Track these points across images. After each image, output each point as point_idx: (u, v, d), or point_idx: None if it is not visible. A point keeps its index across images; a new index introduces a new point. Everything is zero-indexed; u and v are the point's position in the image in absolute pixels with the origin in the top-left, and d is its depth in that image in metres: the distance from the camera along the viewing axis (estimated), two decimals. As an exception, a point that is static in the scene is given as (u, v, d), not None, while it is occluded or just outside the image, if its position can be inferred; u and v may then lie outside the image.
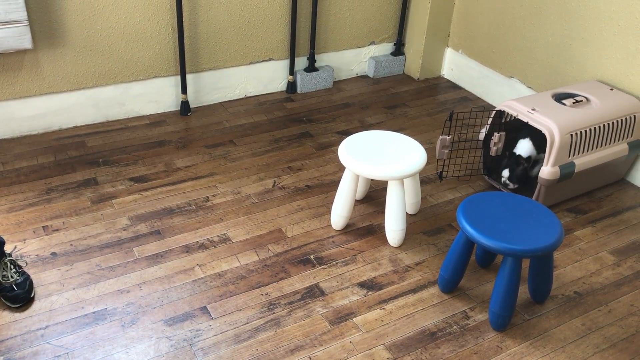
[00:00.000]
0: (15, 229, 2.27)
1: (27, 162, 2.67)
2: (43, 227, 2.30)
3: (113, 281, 2.07)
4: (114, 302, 1.99)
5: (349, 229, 2.38)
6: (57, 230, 2.29)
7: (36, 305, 1.96)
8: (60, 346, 1.83)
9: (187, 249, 2.23)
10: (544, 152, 2.44)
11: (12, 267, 1.98)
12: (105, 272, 2.11)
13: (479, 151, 2.77)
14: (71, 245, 2.22)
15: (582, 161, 2.45)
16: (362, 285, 2.12)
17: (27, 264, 2.10)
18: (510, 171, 2.53)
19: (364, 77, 3.65)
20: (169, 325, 1.92)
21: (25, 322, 1.90)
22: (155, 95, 3.08)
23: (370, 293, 2.09)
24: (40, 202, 2.43)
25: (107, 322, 1.92)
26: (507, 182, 2.55)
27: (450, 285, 2.08)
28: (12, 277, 1.96)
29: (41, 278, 2.07)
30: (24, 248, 2.19)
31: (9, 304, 1.95)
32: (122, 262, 2.16)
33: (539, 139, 2.50)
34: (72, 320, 1.92)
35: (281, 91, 3.43)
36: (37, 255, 2.16)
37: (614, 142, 2.55)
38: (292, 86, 3.40)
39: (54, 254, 2.18)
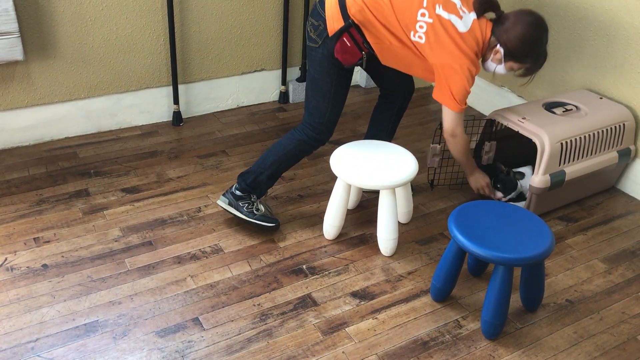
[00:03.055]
0: (6, 241, 2.26)
1: (18, 174, 2.66)
2: (34, 238, 2.29)
3: (104, 293, 2.06)
4: (106, 313, 1.98)
5: (341, 239, 2.39)
6: (48, 241, 2.28)
7: (26, 318, 1.95)
8: (50, 359, 1.82)
9: (179, 260, 2.23)
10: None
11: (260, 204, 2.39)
12: (96, 284, 2.10)
13: (471, 160, 2.78)
14: (62, 256, 2.21)
15: (573, 169, 2.47)
16: (354, 294, 2.12)
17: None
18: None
19: (356, 87, 3.67)
20: (161, 336, 1.91)
21: (15, 334, 1.89)
22: (147, 106, 3.08)
23: (362, 303, 2.09)
24: (32, 213, 2.42)
25: (98, 334, 1.91)
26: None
27: (443, 294, 2.08)
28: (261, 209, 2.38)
29: (32, 290, 2.05)
30: (15, 260, 2.18)
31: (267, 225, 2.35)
32: (114, 273, 2.15)
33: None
34: (62, 333, 1.91)
35: (273, 101, 3.44)
36: (27, 267, 2.15)
37: (604, 150, 2.56)
38: (284, 96, 3.41)
39: (45, 265, 2.16)
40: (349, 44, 2.14)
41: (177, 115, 3.11)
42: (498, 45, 2.19)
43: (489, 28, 2.17)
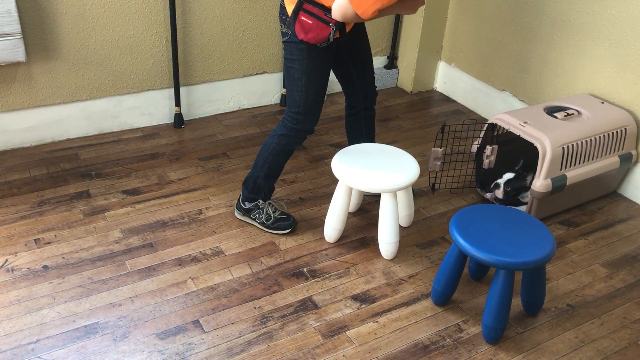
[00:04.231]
0: (7, 242, 2.26)
1: (20, 175, 2.66)
2: (35, 240, 2.29)
3: (105, 294, 2.06)
4: (106, 315, 1.98)
5: (342, 242, 2.38)
6: (49, 243, 2.28)
7: (27, 319, 1.94)
8: (51, 360, 1.82)
9: (180, 262, 2.23)
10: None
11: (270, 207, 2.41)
12: (97, 286, 2.10)
13: (472, 163, 2.78)
14: (63, 258, 2.21)
15: (574, 174, 2.47)
16: (355, 298, 2.12)
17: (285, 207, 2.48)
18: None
19: (357, 90, 3.66)
20: (161, 339, 1.91)
21: (15, 336, 1.89)
22: (149, 108, 3.08)
23: (363, 306, 2.09)
24: (33, 214, 2.42)
25: (98, 335, 1.91)
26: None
27: (444, 298, 2.08)
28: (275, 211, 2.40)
29: (32, 291, 2.05)
30: (16, 261, 2.18)
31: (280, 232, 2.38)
32: (114, 275, 2.15)
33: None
34: (63, 334, 1.90)
35: (275, 104, 3.44)
36: (28, 268, 2.15)
37: (605, 155, 2.56)
38: (285, 99, 3.41)
39: (45, 267, 2.16)
40: (310, 22, 2.04)
41: (178, 117, 3.12)
42: None
43: None
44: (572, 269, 2.32)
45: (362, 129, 2.52)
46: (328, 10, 2.02)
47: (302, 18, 2.04)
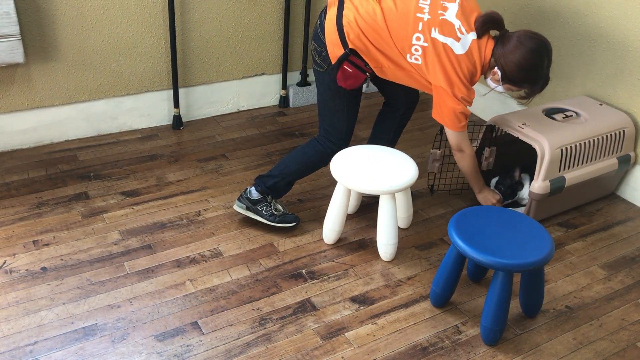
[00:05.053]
0: (5, 244, 2.26)
1: (18, 176, 2.66)
2: (33, 241, 2.29)
3: (103, 296, 2.06)
4: (104, 317, 1.98)
5: (340, 243, 2.38)
6: (47, 244, 2.28)
7: (25, 321, 1.94)
8: (49, 362, 1.81)
9: (179, 264, 2.22)
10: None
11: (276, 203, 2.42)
12: (95, 287, 2.10)
13: (471, 165, 2.78)
14: (61, 259, 2.21)
15: (573, 175, 2.47)
16: (354, 299, 2.12)
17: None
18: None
19: (356, 91, 3.66)
20: (160, 340, 1.91)
21: (13, 337, 1.88)
22: (148, 110, 3.08)
23: (362, 308, 2.09)
24: (31, 216, 2.42)
25: (97, 337, 1.91)
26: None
27: (442, 300, 2.08)
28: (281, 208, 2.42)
29: (31, 293, 2.05)
30: (14, 263, 2.18)
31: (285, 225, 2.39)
32: (113, 276, 2.15)
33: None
34: (61, 336, 1.90)
35: (274, 105, 3.44)
36: (27, 270, 2.15)
37: (604, 156, 2.57)
38: (284, 100, 3.41)
39: (44, 268, 2.16)
40: (350, 70, 2.16)
41: (177, 118, 3.12)
42: (496, 67, 2.17)
43: (489, 48, 2.15)
44: (570, 271, 2.32)
45: (392, 128, 2.55)
46: (368, 64, 2.18)
47: (345, 67, 2.15)
